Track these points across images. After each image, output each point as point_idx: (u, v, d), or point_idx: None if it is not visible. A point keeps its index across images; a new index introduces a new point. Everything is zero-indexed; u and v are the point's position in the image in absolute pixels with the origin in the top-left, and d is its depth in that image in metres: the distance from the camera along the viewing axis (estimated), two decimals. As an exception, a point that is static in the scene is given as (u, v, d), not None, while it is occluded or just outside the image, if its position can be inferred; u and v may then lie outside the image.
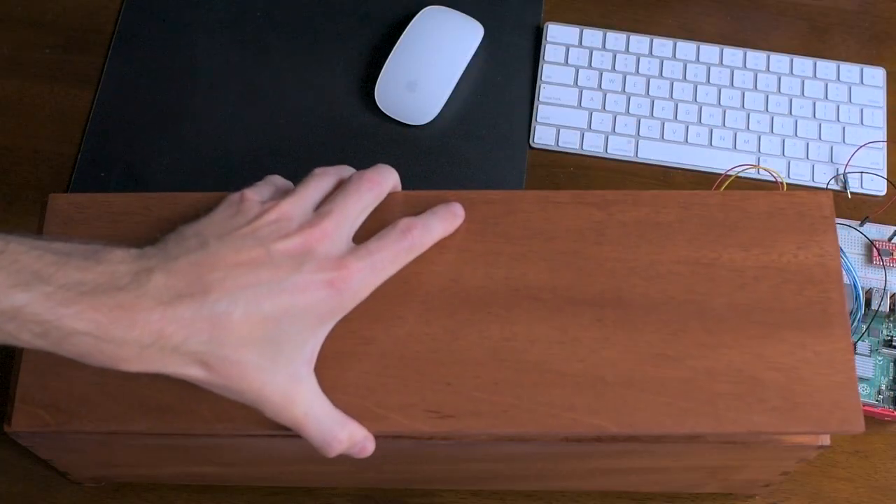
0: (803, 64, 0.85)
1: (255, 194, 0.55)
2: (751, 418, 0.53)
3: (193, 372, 0.49)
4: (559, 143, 0.82)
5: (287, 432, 0.53)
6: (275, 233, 0.51)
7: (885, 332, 0.72)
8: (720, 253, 0.57)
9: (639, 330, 0.55)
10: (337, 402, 0.54)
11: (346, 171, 0.59)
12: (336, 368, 0.55)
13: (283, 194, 0.55)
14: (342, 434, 0.52)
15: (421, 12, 0.85)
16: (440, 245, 0.58)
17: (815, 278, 0.56)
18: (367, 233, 0.56)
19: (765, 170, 0.80)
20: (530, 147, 0.83)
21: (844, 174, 0.80)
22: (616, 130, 0.83)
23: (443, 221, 0.57)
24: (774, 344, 0.55)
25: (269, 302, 0.49)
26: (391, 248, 0.54)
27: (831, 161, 0.82)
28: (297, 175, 0.82)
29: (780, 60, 0.85)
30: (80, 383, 0.56)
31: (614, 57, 0.85)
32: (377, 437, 0.54)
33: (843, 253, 0.72)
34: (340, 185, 0.57)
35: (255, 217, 0.52)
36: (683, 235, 0.58)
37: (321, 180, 0.57)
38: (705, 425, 0.53)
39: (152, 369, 0.48)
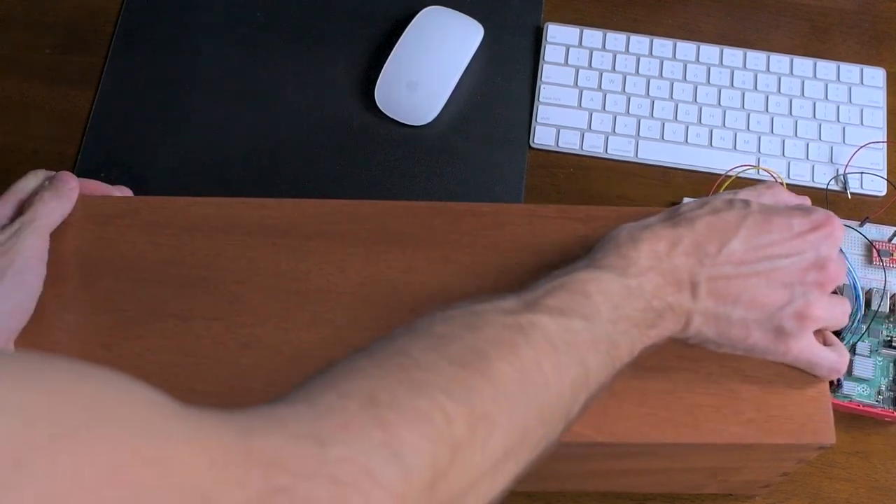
0: (803, 64, 0.85)
1: None
2: (728, 429, 0.55)
3: None
4: (559, 144, 0.82)
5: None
6: None
7: (885, 332, 0.72)
8: None
9: None
10: None
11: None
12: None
13: None
14: None
15: (421, 12, 0.85)
16: (428, 256, 0.59)
17: None
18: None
19: (765, 170, 0.80)
20: (530, 147, 0.82)
21: (844, 174, 0.80)
22: (616, 131, 0.83)
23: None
24: (750, 357, 0.56)
25: None
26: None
27: (831, 161, 0.82)
28: (296, 175, 0.82)
29: (780, 61, 0.85)
30: None
31: (614, 57, 0.85)
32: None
33: (843, 253, 0.72)
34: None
35: None
36: None
37: None
38: (685, 435, 0.55)
39: None
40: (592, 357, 0.48)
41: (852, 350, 0.71)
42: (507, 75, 0.85)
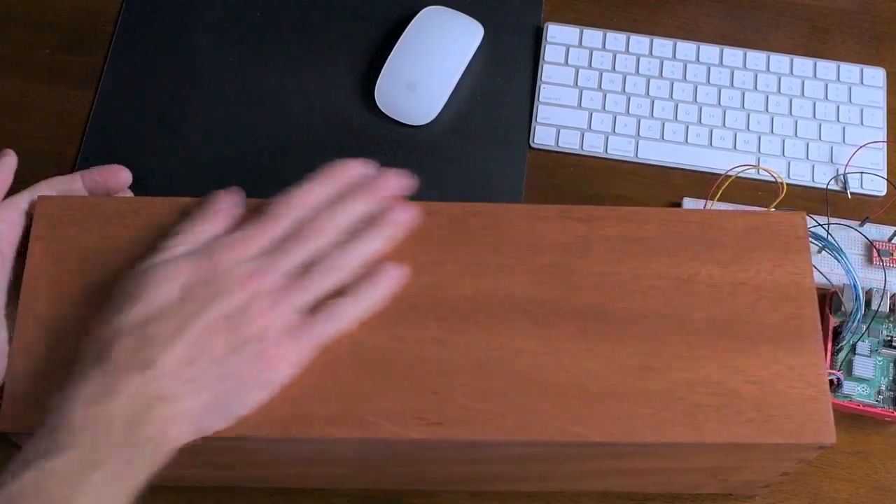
0: (803, 64, 0.85)
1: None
2: (728, 429, 0.55)
3: None
4: (559, 144, 0.82)
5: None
6: None
7: (885, 332, 0.72)
8: (699, 269, 0.59)
9: (621, 342, 0.57)
10: (329, 410, 0.55)
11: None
12: (328, 375, 0.56)
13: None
14: None
15: (421, 12, 0.85)
16: (428, 257, 0.59)
17: (790, 295, 0.58)
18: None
19: (765, 170, 0.80)
20: (530, 147, 0.82)
21: (844, 174, 0.80)
22: (616, 131, 0.83)
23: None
24: (750, 358, 0.57)
25: None
26: None
27: (831, 161, 0.82)
28: (296, 175, 0.82)
29: (780, 60, 0.85)
30: None
31: (614, 57, 0.85)
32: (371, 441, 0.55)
33: (844, 253, 0.72)
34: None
35: None
36: (664, 251, 0.59)
37: None
38: (684, 435, 0.55)
39: None
40: None
41: (853, 350, 0.71)
42: (507, 75, 0.85)
